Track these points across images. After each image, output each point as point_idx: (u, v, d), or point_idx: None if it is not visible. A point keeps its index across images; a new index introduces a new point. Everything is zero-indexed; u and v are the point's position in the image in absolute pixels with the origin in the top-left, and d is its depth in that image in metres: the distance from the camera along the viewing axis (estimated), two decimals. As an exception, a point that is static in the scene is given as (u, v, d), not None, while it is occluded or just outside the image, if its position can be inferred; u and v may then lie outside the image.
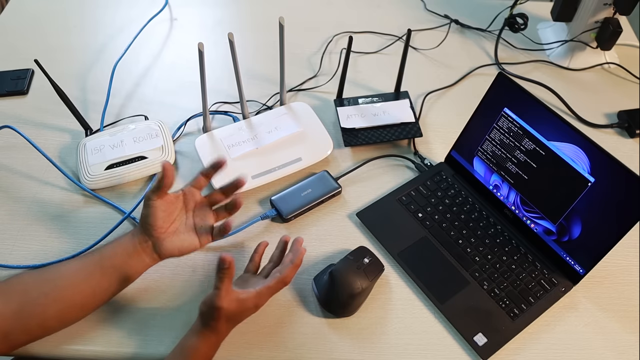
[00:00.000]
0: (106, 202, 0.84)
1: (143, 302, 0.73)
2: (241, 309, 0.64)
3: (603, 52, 1.09)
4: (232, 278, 0.62)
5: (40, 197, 0.85)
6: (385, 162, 0.92)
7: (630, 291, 0.77)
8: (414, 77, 1.03)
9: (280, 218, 0.83)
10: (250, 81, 1.02)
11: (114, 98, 0.99)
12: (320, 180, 0.86)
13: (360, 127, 0.93)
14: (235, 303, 0.63)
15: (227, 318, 0.63)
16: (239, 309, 0.64)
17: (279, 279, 0.67)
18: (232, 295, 0.63)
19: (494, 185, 0.83)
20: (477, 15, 1.18)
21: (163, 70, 1.05)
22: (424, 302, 0.75)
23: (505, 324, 0.72)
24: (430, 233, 0.81)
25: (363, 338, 0.72)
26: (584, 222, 0.73)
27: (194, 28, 1.15)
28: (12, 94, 0.99)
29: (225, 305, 0.62)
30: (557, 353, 0.71)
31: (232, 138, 0.89)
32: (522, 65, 1.09)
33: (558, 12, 1.06)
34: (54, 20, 1.15)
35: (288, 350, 0.70)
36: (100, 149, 0.87)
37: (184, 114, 0.96)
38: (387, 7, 1.21)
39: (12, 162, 0.89)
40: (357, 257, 0.75)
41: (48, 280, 0.64)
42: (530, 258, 0.79)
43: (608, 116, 1.01)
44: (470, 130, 0.85)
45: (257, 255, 0.76)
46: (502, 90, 0.80)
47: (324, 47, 1.11)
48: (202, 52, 0.77)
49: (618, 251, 0.72)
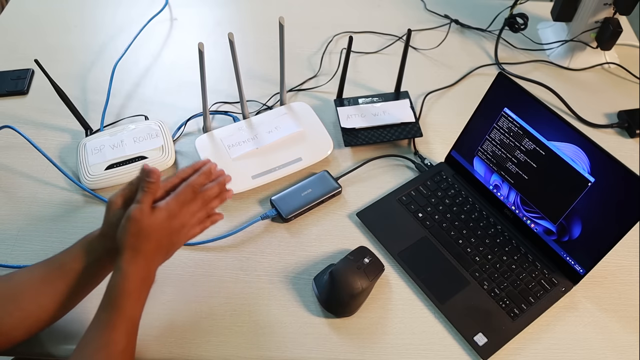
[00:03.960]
0: (106, 202, 0.84)
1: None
2: (156, 222, 0.60)
3: (603, 52, 1.09)
4: (155, 195, 0.61)
5: (40, 197, 0.85)
6: (385, 162, 0.92)
7: (630, 291, 0.77)
8: (414, 77, 1.03)
9: (280, 218, 0.83)
10: (250, 81, 1.02)
11: (114, 98, 0.99)
12: (320, 180, 0.86)
13: (361, 127, 0.93)
14: (149, 215, 0.60)
15: (144, 233, 0.59)
16: (154, 222, 0.60)
17: (186, 184, 0.64)
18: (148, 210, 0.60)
19: (494, 185, 0.83)
20: (477, 15, 1.18)
21: (163, 70, 1.05)
22: (424, 302, 0.75)
23: (505, 324, 0.72)
24: (431, 233, 0.81)
25: (363, 338, 0.72)
26: (584, 222, 0.73)
27: (194, 28, 1.15)
28: (12, 94, 0.99)
29: (139, 215, 0.59)
30: (557, 353, 0.71)
31: (232, 138, 0.90)
32: (522, 65, 1.09)
33: (558, 12, 1.06)
34: (54, 20, 1.15)
35: (288, 350, 0.70)
36: (101, 149, 0.87)
37: (184, 114, 0.96)
38: (387, 7, 1.21)
39: (12, 162, 0.89)
40: (357, 257, 0.75)
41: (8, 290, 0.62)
42: (530, 258, 0.79)
43: (608, 116, 1.01)
44: (470, 130, 0.85)
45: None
46: (502, 90, 0.80)
47: (324, 47, 1.11)
48: (202, 52, 0.77)
49: (618, 251, 0.72)
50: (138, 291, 0.61)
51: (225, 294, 0.75)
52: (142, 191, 0.60)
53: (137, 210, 0.59)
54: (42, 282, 0.62)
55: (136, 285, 0.60)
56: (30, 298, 0.62)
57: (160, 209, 0.61)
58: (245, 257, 0.79)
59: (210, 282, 0.76)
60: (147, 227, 0.60)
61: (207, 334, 0.71)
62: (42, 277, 0.63)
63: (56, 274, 0.63)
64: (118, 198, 0.63)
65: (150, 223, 0.60)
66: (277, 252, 0.80)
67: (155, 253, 0.62)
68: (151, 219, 0.60)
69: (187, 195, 0.64)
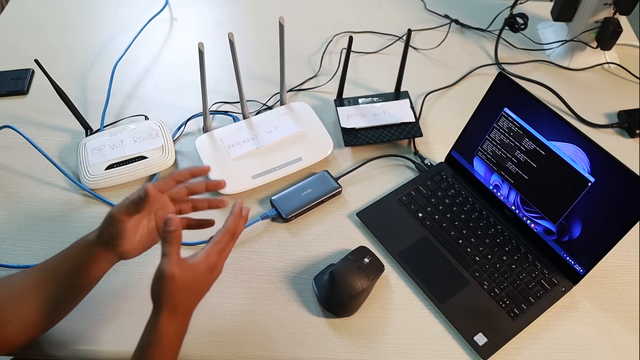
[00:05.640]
0: (106, 202, 0.84)
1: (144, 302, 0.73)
2: (195, 275, 0.58)
3: (603, 52, 1.09)
4: (180, 243, 0.57)
5: (40, 197, 0.85)
6: (385, 162, 0.92)
7: (630, 291, 0.77)
8: (414, 77, 1.03)
9: (280, 218, 0.83)
10: (250, 81, 1.02)
11: (114, 98, 0.99)
12: (320, 180, 0.86)
13: (361, 127, 0.93)
14: (187, 268, 0.57)
15: (183, 289, 0.57)
16: (193, 275, 0.58)
17: (224, 231, 0.62)
18: (183, 262, 0.57)
19: (494, 185, 0.83)
20: (477, 15, 1.18)
21: (163, 70, 1.05)
22: (424, 302, 0.75)
23: (505, 324, 0.72)
24: (431, 233, 0.81)
25: (363, 338, 0.72)
26: (584, 222, 0.73)
27: (194, 28, 1.15)
28: (12, 94, 0.99)
29: (177, 271, 0.55)
30: (557, 353, 0.71)
31: (232, 138, 0.90)
32: (522, 65, 1.09)
33: (558, 12, 1.06)
34: (54, 20, 1.15)
35: (288, 350, 0.70)
36: (101, 149, 0.87)
37: (184, 114, 0.96)
38: (387, 7, 1.21)
39: (12, 162, 0.89)
40: (357, 257, 0.75)
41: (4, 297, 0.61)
42: (530, 258, 0.79)
43: (608, 116, 1.01)
44: (470, 130, 0.85)
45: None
46: (502, 90, 0.80)
47: (324, 47, 1.11)
48: (202, 52, 0.77)
49: (618, 251, 0.72)
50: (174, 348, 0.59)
51: (225, 294, 0.75)
52: (167, 243, 0.56)
53: (170, 266, 0.55)
54: (37, 288, 0.62)
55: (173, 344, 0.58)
56: (27, 305, 0.61)
57: (200, 262, 0.58)
58: (245, 257, 0.79)
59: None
60: (185, 283, 0.56)
61: (207, 334, 0.71)
62: (37, 283, 0.62)
63: (51, 279, 0.62)
64: (122, 215, 0.60)
65: (189, 277, 0.57)
66: (277, 252, 0.80)
67: (194, 304, 0.60)
68: (190, 273, 0.57)
69: (226, 244, 0.62)
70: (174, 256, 0.56)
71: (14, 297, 0.61)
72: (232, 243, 0.64)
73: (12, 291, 0.62)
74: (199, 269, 0.58)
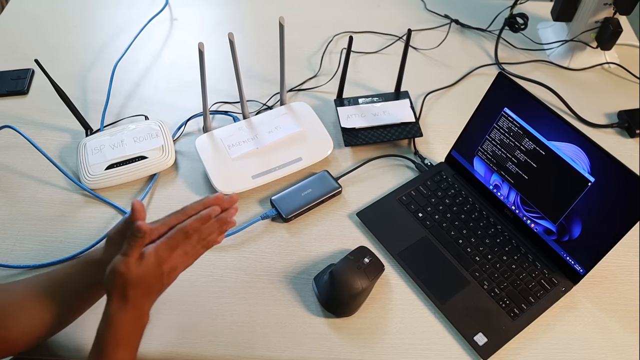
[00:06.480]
0: (106, 202, 0.84)
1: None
2: (144, 270, 0.58)
3: (603, 52, 1.09)
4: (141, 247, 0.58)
5: (40, 197, 0.85)
6: (385, 162, 0.92)
7: (630, 291, 0.77)
8: (414, 77, 1.03)
9: (280, 218, 0.83)
10: (250, 81, 1.02)
11: (114, 98, 0.99)
12: (320, 180, 0.86)
13: (361, 127, 0.93)
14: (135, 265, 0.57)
15: (132, 284, 0.57)
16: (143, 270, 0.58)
17: (178, 229, 0.61)
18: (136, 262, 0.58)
19: (494, 185, 0.83)
20: (477, 15, 1.18)
21: (163, 70, 1.05)
22: (424, 302, 0.75)
23: (505, 324, 0.72)
24: (431, 233, 0.81)
25: (363, 338, 0.72)
26: (584, 222, 0.73)
27: (194, 28, 1.15)
28: (12, 94, 0.99)
29: (125, 270, 0.56)
30: (557, 353, 0.71)
31: (233, 138, 0.90)
32: (522, 65, 1.09)
33: (558, 12, 1.06)
34: (54, 20, 1.15)
35: (288, 350, 0.70)
36: (101, 149, 0.87)
37: (184, 114, 0.96)
38: (387, 7, 1.21)
39: (12, 162, 0.89)
40: (357, 257, 0.75)
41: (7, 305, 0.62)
42: (530, 258, 0.79)
43: (608, 116, 1.01)
44: (470, 130, 0.85)
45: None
46: (502, 90, 0.80)
47: (324, 47, 1.11)
48: (202, 52, 0.77)
49: (618, 251, 0.72)
50: (128, 337, 0.59)
51: (225, 294, 0.75)
52: (129, 244, 0.57)
53: (122, 265, 0.57)
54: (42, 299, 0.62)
55: (126, 332, 0.59)
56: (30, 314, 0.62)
57: (148, 255, 0.58)
58: (245, 257, 0.79)
59: (210, 282, 0.76)
60: (134, 278, 0.57)
61: (207, 334, 0.71)
62: (42, 294, 0.62)
63: (56, 291, 0.63)
64: (117, 235, 0.61)
65: (137, 273, 0.58)
66: (277, 252, 0.80)
67: (145, 297, 0.60)
68: (139, 269, 0.58)
69: (178, 240, 0.61)
70: (131, 258, 0.57)
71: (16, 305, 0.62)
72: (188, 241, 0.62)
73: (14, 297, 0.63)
74: (148, 263, 0.59)
